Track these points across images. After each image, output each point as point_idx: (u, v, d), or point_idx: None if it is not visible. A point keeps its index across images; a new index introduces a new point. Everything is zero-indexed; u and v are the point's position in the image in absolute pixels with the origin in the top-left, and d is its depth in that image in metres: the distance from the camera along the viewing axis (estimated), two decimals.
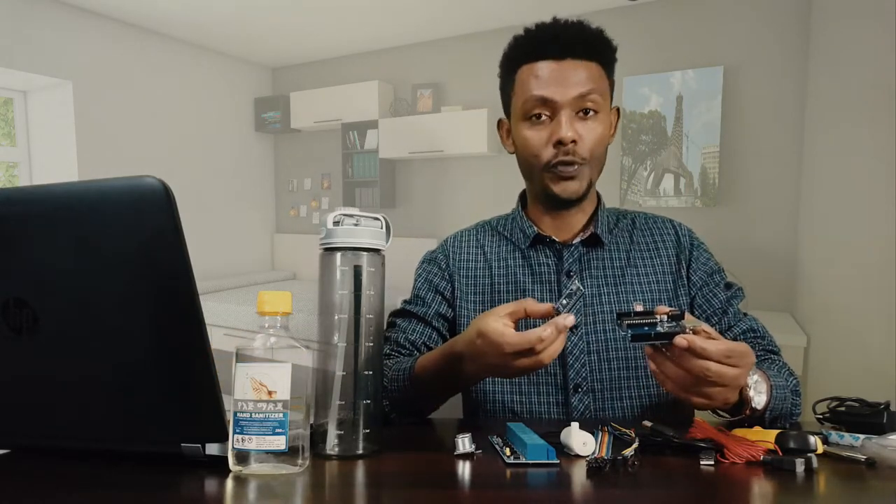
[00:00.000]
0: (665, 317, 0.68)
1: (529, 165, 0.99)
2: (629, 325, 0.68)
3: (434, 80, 3.42)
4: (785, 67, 2.50)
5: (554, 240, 1.02)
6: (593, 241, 1.02)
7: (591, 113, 0.95)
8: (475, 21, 3.11)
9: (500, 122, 1.07)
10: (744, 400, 0.77)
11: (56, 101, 3.00)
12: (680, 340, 0.66)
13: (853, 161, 2.00)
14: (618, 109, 1.05)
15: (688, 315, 0.70)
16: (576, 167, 0.95)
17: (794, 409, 0.87)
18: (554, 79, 0.94)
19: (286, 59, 3.84)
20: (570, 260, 1.01)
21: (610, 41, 0.99)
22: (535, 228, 1.03)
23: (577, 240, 1.02)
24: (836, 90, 2.17)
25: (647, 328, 0.67)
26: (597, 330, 0.97)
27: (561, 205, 1.01)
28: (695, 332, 0.67)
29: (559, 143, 0.94)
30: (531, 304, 0.73)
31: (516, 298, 0.99)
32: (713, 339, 0.68)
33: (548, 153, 0.95)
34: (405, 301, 1.07)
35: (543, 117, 0.95)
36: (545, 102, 0.94)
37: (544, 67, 0.95)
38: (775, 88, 2.53)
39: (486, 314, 0.74)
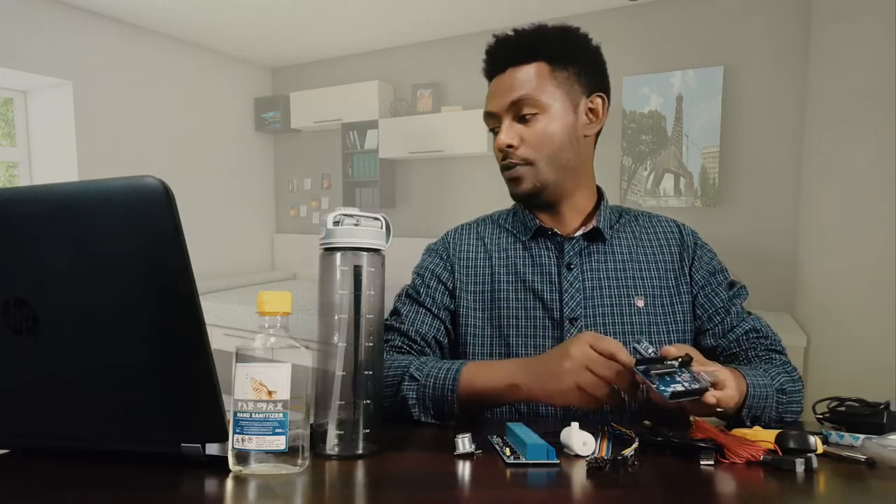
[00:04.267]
0: (675, 362, 0.72)
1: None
2: (659, 377, 0.70)
3: (434, 80, 3.42)
4: (785, 67, 2.50)
5: (556, 232, 1.03)
6: (594, 235, 1.02)
7: (529, 116, 0.98)
8: (475, 21, 3.11)
9: None
10: None
11: (56, 101, 3.00)
12: (710, 399, 0.71)
13: (853, 161, 2.00)
14: (601, 97, 1.02)
15: (692, 351, 0.76)
16: (516, 168, 1.00)
17: (785, 408, 0.87)
18: (495, 92, 1.01)
19: (286, 59, 3.84)
20: (571, 253, 1.01)
21: (560, 31, 1.00)
22: (538, 221, 1.04)
23: (579, 233, 1.02)
24: (836, 90, 2.17)
25: (668, 378, 0.71)
26: (596, 323, 0.97)
27: (524, 203, 1.05)
28: (713, 385, 0.72)
29: (500, 150, 1.00)
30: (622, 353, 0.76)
31: (517, 288, 1.02)
32: (720, 379, 0.73)
33: (499, 159, 1.02)
34: (409, 287, 1.07)
35: (496, 129, 1.02)
36: (491, 116, 1.02)
37: (494, 83, 1.02)
38: (775, 88, 2.53)
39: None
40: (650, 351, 0.74)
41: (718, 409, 0.76)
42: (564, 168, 1.00)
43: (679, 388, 0.69)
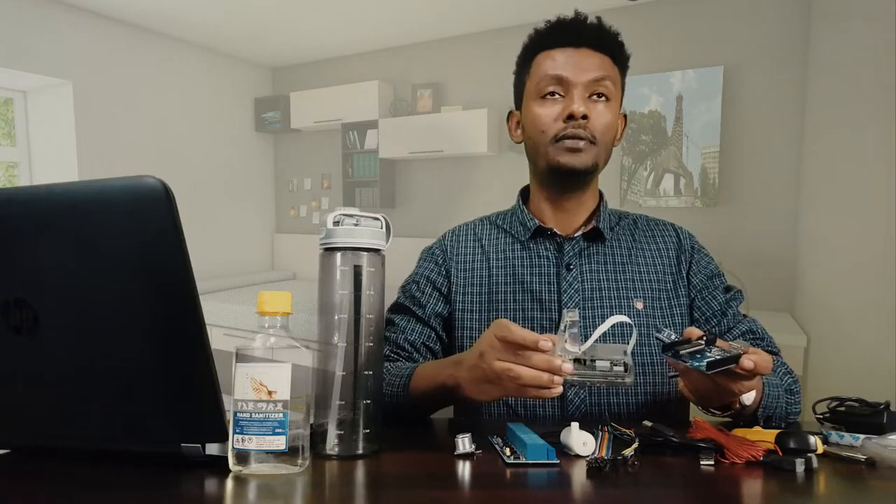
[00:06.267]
0: (702, 341, 0.71)
1: (536, 143, 0.99)
2: (690, 354, 0.69)
3: (434, 80, 3.42)
4: (785, 68, 2.50)
5: (555, 232, 1.02)
6: (594, 236, 1.02)
7: (604, 98, 0.97)
8: (475, 21, 3.11)
9: (510, 114, 1.08)
10: None
11: (56, 101, 3.00)
12: (747, 362, 0.67)
13: (853, 161, 2.01)
14: (625, 116, 1.05)
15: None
16: (584, 143, 0.96)
17: (790, 409, 0.88)
18: (570, 62, 0.97)
19: (286, 59, 3.84)
20: (571, 253, 1.01)
21: (624, 44, 1.01)
22: (536, 221, 1.03)
23: (579, 233, 1.02)
24: (836, 90, 2.17)
25: (699, 355, 0.69)
26: (595, 324, 0.96)
27: (566, 180, 1.00)
28: (744, 352, 0.69)
29: (570, 118, 0.95)
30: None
31: (514, 289, 1.01)
32: (749, 348, 0.70)
33: (556, 127, 0.96)
34: (403, 291, 1.06)
35: (557, 95, 0.97)
36: (560, 81, 0.96)
37: (561, 53, 0.98)
38: (775, 88, 2.52)
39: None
40: (672, 337, 0.74)
41: (743, 398, 0.75)
42: (605, 162, 1.01)
43: (713, 359, 0.67)
